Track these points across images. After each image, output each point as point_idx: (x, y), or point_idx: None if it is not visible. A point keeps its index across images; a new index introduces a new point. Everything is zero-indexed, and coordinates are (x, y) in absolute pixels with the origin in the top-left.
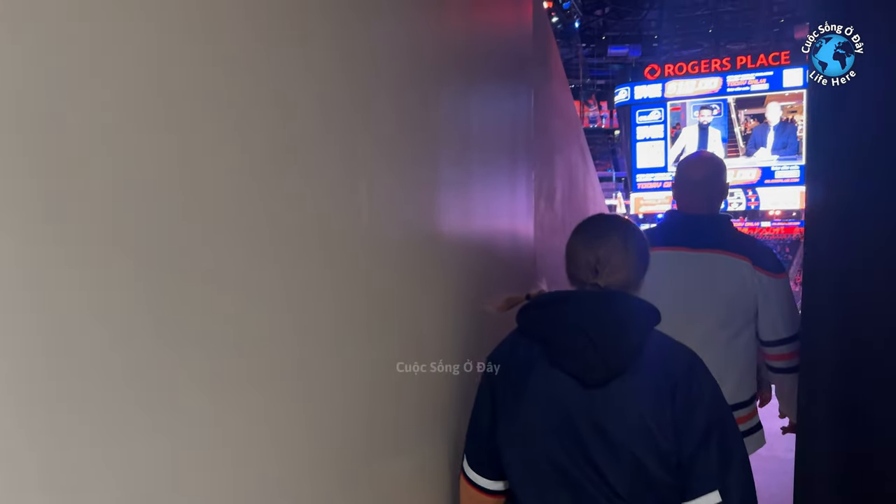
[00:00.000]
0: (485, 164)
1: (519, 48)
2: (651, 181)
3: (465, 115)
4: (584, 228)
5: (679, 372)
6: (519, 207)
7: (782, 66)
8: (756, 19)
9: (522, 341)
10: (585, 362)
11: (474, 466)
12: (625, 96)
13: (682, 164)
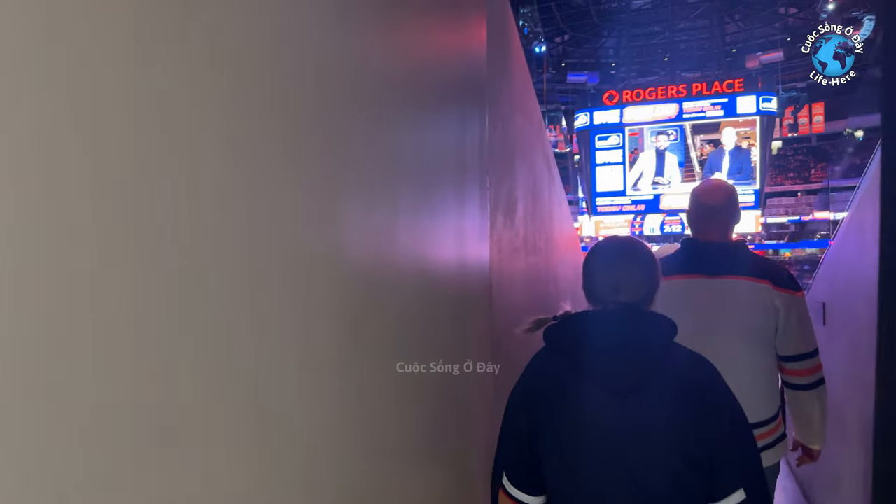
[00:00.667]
0: (424, 180)
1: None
2: (610, 204)
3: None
4: (602, 249)
5: (704, 379)
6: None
7: (736, 94)
8: (710, 49)
9: (551, 358)
10: (616, 373)
11: (517, 485)
12: (584, 121)
13: (697, 192)
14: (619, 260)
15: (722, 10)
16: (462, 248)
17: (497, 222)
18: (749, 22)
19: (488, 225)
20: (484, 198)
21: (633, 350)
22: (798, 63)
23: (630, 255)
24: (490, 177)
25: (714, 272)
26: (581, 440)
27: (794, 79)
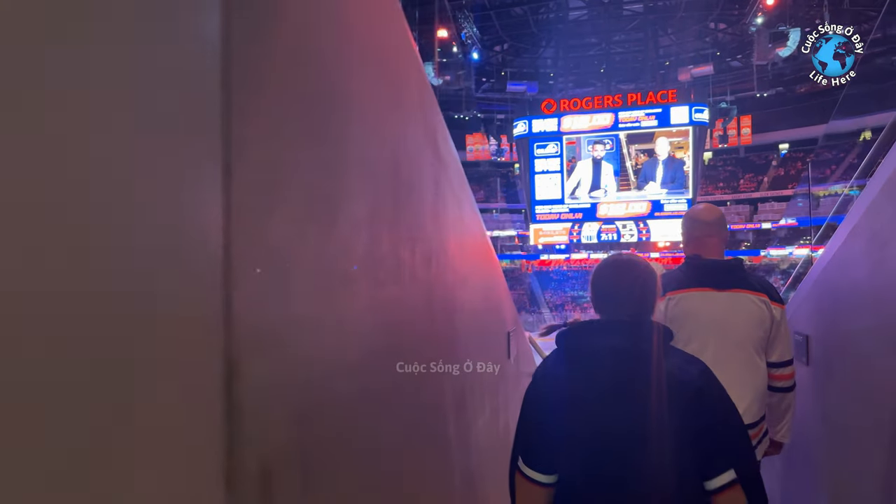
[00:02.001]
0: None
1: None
2: (549, 213)
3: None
4: (604, 269)
5: (697, 378)
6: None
7: (670, 104)
8: (644, 61)
9: (562, 360)
10: (621, 375)
11: (530, 464)
12: (523, 129)
13: (693, 214)
14: (619, 279)
15: (656, 23)
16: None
17: (266, 224)
18: (681, 36)
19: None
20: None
21: (632, 355)
22: (727, 76)
23: (628, 274)
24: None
25: (722, 286)
26: (589, 434)
27: (723, 91)
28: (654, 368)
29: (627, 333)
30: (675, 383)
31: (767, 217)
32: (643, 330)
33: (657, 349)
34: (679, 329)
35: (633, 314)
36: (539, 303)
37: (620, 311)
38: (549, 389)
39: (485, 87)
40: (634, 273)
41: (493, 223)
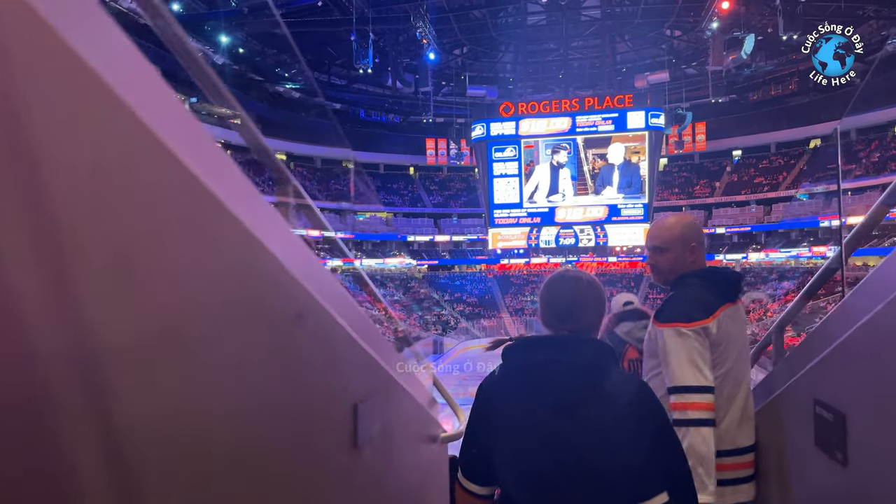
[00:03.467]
0: None
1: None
2: (508, 217)
3: None
4: (552, 284)
5: (633, 396)
6: None
7: (626, 109)
8: (601, 68)
9: (509, 374)
10: (561, 391)
11: (469, 476)
12: (481, 132)
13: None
14: (565, 294)
15: (613, 29)
16: None
17: None
18: (638, 43)
19: None
20: None
21: (574, 372)
22: (682, 83)
23: (575, 290)
24: None
25: (736, 297)
26: (529, 448)
27: (679, 98)
28: (593, 388)
29: (568, 349)
30: (614, 403)
31: (721, 222)
32: (584, 346)
33: (597, 365)
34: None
35: (576, 329)
36: (499, 307)
37: (563, 325)
38: (491, 403)
39: (444, 91)
40: (578, 288)
41: (454, 227)
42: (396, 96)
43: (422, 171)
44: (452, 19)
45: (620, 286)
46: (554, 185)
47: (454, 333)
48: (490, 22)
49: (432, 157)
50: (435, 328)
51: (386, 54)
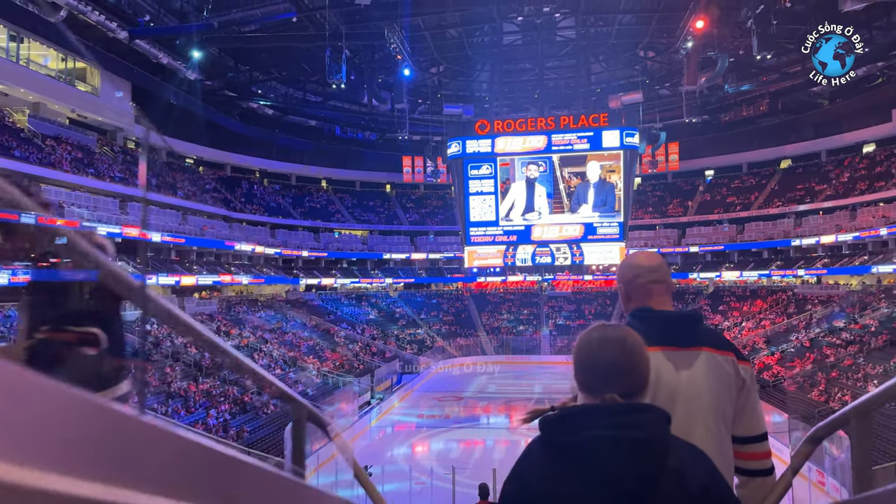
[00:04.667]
0: None
1: None
2: (484, 235)
3: None
4: (591, 341)
5: (704, 475)
6: None
7: (601, 128)
8: (576, 88)
9: (550, 454)
10: (624, 477)
11: None
12: (457, 149)
13: (632, 260)
14: (609, 352)
15: (588, 50)
16: None
17: None
18: (612, 63)
19: None
20: None
21: (635, 450)
22: (656, 104)
23: (620, 347)
24: None
25: (683, 343)
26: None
27: (652, 118)
28: (659, 468)
29: (622, 420)
30: (683, 487)
31: (695, 241)
32: (642, 417)
33: (660, 439)
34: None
35: (625, 393)
36: (476, 326)
37: (608, 388)
38: (535, 493)
39: (421, 109)
40: (624, 345)
41: (430, 245)
42: (373, 113)
43: (398, 188)
44: (429, 37)
45: (596, 304)
46: (530, 203)
47: (430, 352)
48: (466, 41)
49: (409, 174)
50: (410, 347)
51: (362, 71)
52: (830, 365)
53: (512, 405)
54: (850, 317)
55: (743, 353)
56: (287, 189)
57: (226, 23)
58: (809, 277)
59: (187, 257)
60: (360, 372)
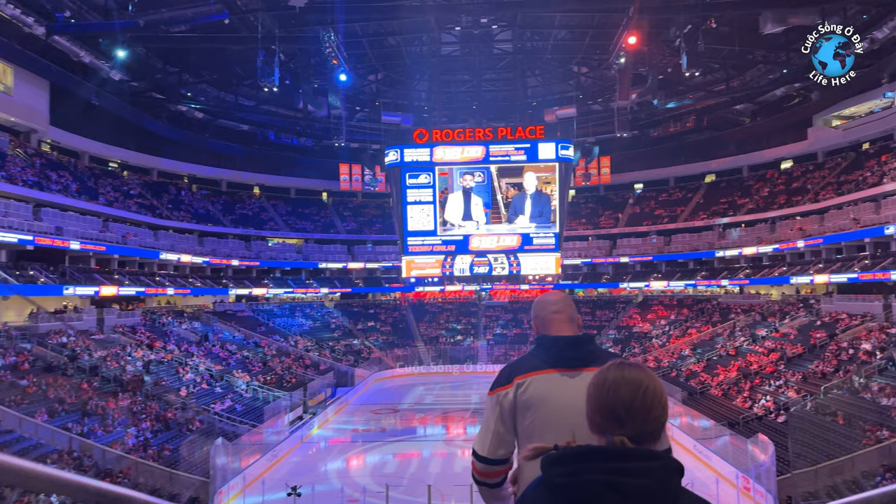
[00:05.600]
0: None
1: None
2: (422, 244)
3: None
4: (606, 379)
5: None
6: None
7: (538, 140)
8: (513, 101)
9: (549, 495)
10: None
11: None
12: (394, 158)
13: (538, 299)
14: (624, 391)
15: (524, 64)
16: None
17: None
18: (547, 78)
19: None
20: None
21: (641, 500)
22: (589, 118)
23: (635, 387)
24: None
25: (574, 364)
26: None
27: (586, 133)
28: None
29: (630, 467)
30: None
31: (625, 252)
32: (651, 463)
33: (668, 491)
34: (532, 417)
35: (637, 437)
36: (413, 336)
37: (620, 430)
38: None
39: (359, 117)
40: (641, 384)
41: (368, 254)
42: (309, 119)
43: (335, 196)
44: (367, 44)
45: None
46: (467, 212)
47: (366, 364)
48: (405, 49)
49: (346, 182)
50: (346, 359)
51: (297, 76)
52: (754, 372)
53: (449, 416)
54: (772, 326)
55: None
56: (217, 195)
57: (153, 22)
58: (732, 287)
59: (108, 266)
60: (292, 386)
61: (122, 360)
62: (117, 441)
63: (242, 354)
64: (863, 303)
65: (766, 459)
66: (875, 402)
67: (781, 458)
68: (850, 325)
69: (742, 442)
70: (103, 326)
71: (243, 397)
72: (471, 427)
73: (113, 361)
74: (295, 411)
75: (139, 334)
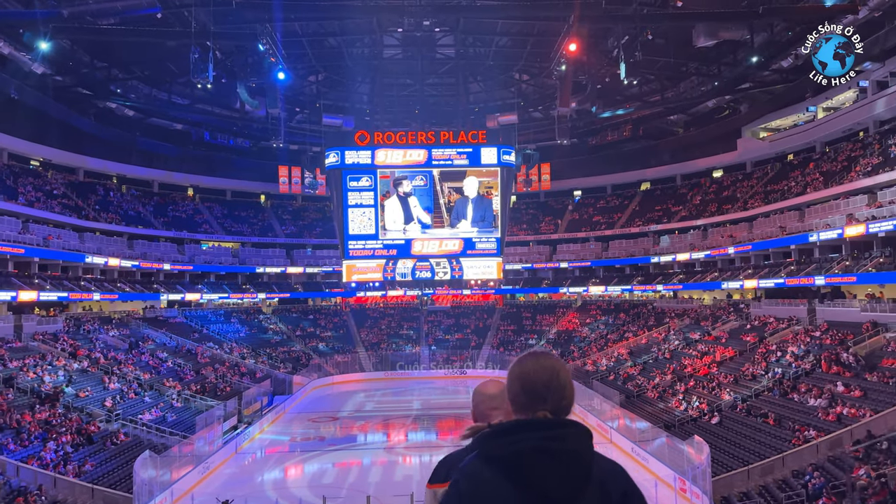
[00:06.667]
0: None
1: None
2: (363, 248)
3: None
4: (526, 365)
5: (623, 483)
6: None
7: (480, 145)
8: (456, 106)
9: (490, 467)
10: (556, 484)
11: None
12: (335, 160)
13: (477, 388)
14: (542, 374)
15: (466, 69)
16: None
17: None
18: (489, 84)
19: None
20: None
21: (565, 460)
22: (530, 126)
23: (551, 370)
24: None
25: None
26: None
27: (527, 140)
28: (584, 475)
29: (554, 435)
30: (606, 492)
31: (564, 257)
32: (569, 430)
33: (585, 450)
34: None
35: (554, 411)
36: (354, 342)
37: (540, 406)
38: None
39: (299, 118)
40: (554, 368)
41: (308, 259)
42: (246, 119)
43: (274, 199)
44: (307, 44)
45: (474, 318)
46: (408, 215)
47: (305, 371)
48: (346, 51)
49: (285, 185)
50: (284, 366)
51: (234, 74)
52: (688, 375)
53: (390, 423)
54: (705, 329)
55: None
56: (148, 197)
57: (79, 13)
58: (667, 292)
59: (28, 270)
60: (226, 395)
61: (41, 369)
62: (33, 456)
63: (174, 362)
64: (789, 307)
65: (702, 461)
66: (803, 403)
67: (716, 459)
68: (778, 329)
69: (678, 444)
70: (21, 334)
71: (174, 407)
72: (412, 433)
73: (30, 372)
74: (229, 421)
75: (61, 342)
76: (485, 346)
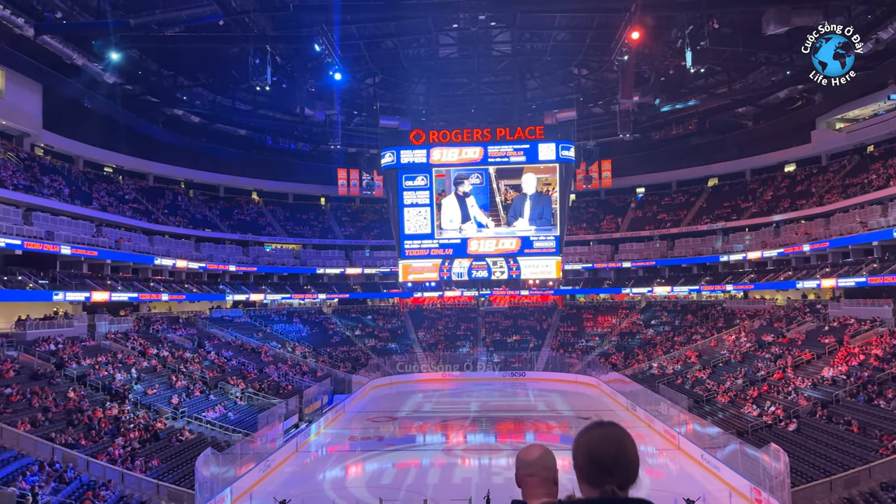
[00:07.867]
0: None
1: None
2: (419, 248)
3: None
4: (593, 433)
5: None
6: None
7: (538, 140)
8: (512, 104)
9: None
10: None
11: None
12: (391, 159)
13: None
14: (610, 446)
15: (523, 66)
16: None
17: None
18: (547, 80)
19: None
20: None
21: None
22: (589, 122)
23: (619, 441)
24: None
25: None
26: None
27: (586, 136)
28: None
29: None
30: None
31: (627, 256)
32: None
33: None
34: None
35: (622, 485)
36: (412, 342)
37: (609, 480)
38: None
39: (356, 121)
40: (622, 439)
41: (366, 260)
42: (306, 123)
43: (333, 201)
44: (363, 47)
45: (532, 319)
46: (465, 214)
47: (364, 371)
48: (402, 52)
49: (344, 187)
50: (344, 365)
51: (294, 79)
52: (761, 378)
53: (448, 424)
54: (779, 331)
55: None
56: (214, 201)
57: (146, 23)
58: (737, 292)
59: (101, 271)
60: (288, 393)
61: (112, 367)
62: (101, 451)
63: (238, 361)
64: (871, 307)
65: (781, 470)
66: (890, 411)
67: (794, 468)
68: (860, 331)
69: (752, 451)
70: (94, 333)
71: (237, 405)
72: (470, 435)
73: (102, 370)
74: (291, 419)
75: (132, 341)
76: (544, 348)
